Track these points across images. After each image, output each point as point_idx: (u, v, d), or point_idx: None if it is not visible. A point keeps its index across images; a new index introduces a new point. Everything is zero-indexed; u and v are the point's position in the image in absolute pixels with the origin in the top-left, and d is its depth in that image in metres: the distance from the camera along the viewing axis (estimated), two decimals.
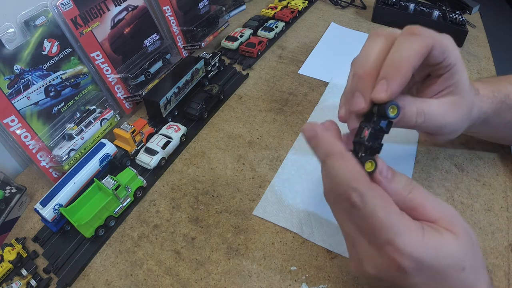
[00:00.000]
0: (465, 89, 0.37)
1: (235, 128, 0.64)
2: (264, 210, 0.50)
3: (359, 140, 0.32)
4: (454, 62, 0.35)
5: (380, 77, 0.31)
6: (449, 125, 0.37)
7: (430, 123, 0.36)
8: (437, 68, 0.36)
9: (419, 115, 0.35)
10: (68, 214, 0.47)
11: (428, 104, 0.36)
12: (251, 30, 0.86)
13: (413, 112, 0.35)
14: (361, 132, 0.32)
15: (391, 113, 0.31)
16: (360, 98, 0.32)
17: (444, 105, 0.37)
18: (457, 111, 0.37)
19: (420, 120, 0.35)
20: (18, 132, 0.51)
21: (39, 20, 0.52)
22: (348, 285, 0.42)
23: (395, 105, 0.31)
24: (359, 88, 0.33)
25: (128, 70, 0.64)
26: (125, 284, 0.44)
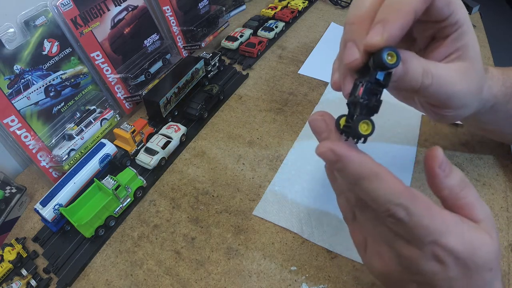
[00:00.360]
0: (475, 56, 0.33)
1: (235, 128, 0.64)
2: (264, 210, 0.50)
3: (353, 99, 0.28)
4: (462, 20, 0.31)
5: (376, 21, 0.27)
6: (459, 95, 0.32)
7: (438, 89, 0.31)
8: (443, 27, 0.31)
9: (425, 75, 0.30)
10: (68, 214, 0.47)
11: (436, 66, 0.31)
12: (251, 30, 0.86)
13: (418, 70, 0.29)
14: (355, 90, 0.28)
15: (389, 61, 0.26)
16: (353, 48, 0.28)
17: (453, 70, 0.31)
18: (468, 80, 0.32)
19: (427, 81, 0.30)
20: (18, 132, 0.51)
21: (39, 20, 0.52)
22: (348, 285, 0.42)
23: (393, 52, 0.26)
24: (352, 37, 0.28)
25: (128, 70, 0.64)
26: (125, 284, 0.44)
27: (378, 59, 0.26)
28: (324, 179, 0.53)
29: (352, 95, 0.28)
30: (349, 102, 0.28)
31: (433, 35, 0.33)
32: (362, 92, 0.27)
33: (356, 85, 0.28)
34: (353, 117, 0.27)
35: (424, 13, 0.28)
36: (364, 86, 0.27)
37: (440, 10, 0.29)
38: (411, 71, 0.29)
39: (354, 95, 0.28)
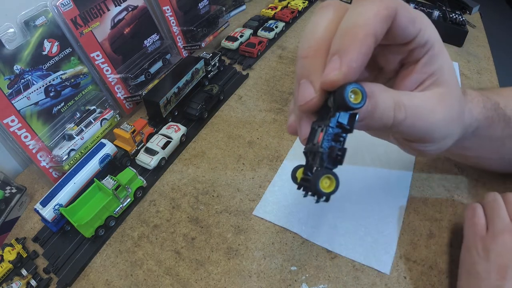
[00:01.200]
0: (451, 79, 0.29)
1: (235, 128, 0.64)
2: (264, 210, 0.50)
3: (311, 147, 0.24)
4: (432, 40, 0.27)
5: (331, 52, 0.23)
6: (439, 126, 0.28)
7: (415, 122, 0.27)
8: (411, 50, 0.27)
9: (398, 108, 0.26)
10: (68, 214, 0.47)
11: (409, 96, 0.27)
12: (251, 30, 0.86)
13: (388, 104, 0.25)
14: (313, 137, 0.24)
15: (353, 100, 0.22)
16: (307, 86, 0.25)
17: (429, 98, 0.28)
18: (447, 107, 0.28)
19: (400, 115, 0.26)
20: (18, 132, 0.51)
21: (39, 20, 0.52)
22: (348, 285, 0.42)
23: (357, 88, 0.22)
24: (306, 73, 0.25)
25: (128, 70, 0.64)
26: (125, 284, 0.44)
27: (339, 99, 0.22)
28: None
29: (310, 142, 0.24)
30: (307, 150, 0.24)
31: (401, 60, 0.29)
32: (322, 139, 0.23)
33: (314, 129, 0.24)
34: (312, 169, 0.23)
35: (386, 36, 0.25)
36: (324, 131, 0.23)
37: (405, 30, 0.25)
38: (380, 107, 0.25)
39: (312, 143, 0.24)
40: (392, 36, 0.25)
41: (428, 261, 0.43)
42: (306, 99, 0.25)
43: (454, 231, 0.46)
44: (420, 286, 0.41)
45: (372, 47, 0.23)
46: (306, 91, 0.25)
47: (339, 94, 0.22)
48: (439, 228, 0.46)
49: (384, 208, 0.49)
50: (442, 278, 0.42)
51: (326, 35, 0.25)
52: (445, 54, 0.28)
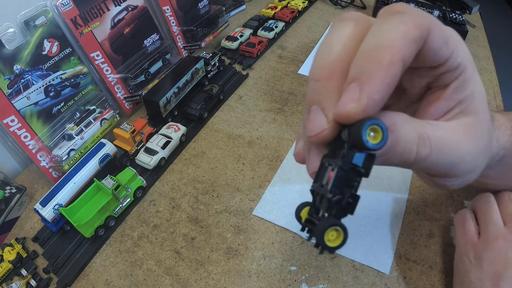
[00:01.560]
0: (482, 107, 0.25)
1: (235, 128, 0.64)
2: (264, 210, 0.50)
3: (318, 188, 0.21)
4: (464, 63, 0.23)
5: (350, 78, 0.20)
6: (466, 159, 0.24)
7: (440, 157, 0.23)
8: (441, 73, 0.24)
9: (422, 142, 0.22)
10: (68, 214, 0.47)
11: (435, 127, 0.23)
12: (251, 30, 0.86)
13: (411, 138, 0.21)
14: (323, 175, 0.21)
15: (371, 140, 0.19)
16: (318, 115, 0.21)
17: (457, 129, 0.24)
18: (475, 138, 0.25)
19: (424, 151, 0.22)
20: (18, 132, 0.51)
21: (39, 20, 0.52)
22: (348, 285, 0.42)
23: (378, 125, 0.19)
24: (318, 99, 0.22)
25: (128, 70, 0.64)
26: (125, 284, 0.44)
27: (355, 137, 0.19)
28: None
29: (318, 180, 0.21)
30: (314, 189, 0.22)
31: (428, 84, 0.25)
32: (332, 182, 0.20)
33: (324, 166, 0.21)
34: (318, 211, 0.21)
35: (415, 58, 0.21)
36: (335, 173, 0.20)
37: (436, 53, 0.22)
38: (402, 142, 0.21)
39: (320, 182, 0.21)
40: (422, 59, 0.22)
41: (428, 261, 0.43)
42: (316, 130, 0.21)
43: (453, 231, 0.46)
44: (420, 286, 0.41)
45: (398, 75, 0.19)
46: (317, 120, 0.21)
47: (355, 132, 0.18)
48: (439, 228, 0.46)
49: (384, 208, 0.49)
50: (442, 278, 0.42)
51: (343, 55, 0.21)
52: (477, 78, 0.25)
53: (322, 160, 0.22)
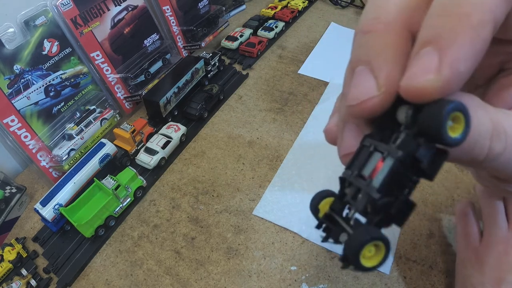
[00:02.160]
0: None
1: (235, 128, 0.64)
2: (264, 210, 0.50)
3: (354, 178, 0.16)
4: None
5: (422, 40, 0.15)
6: None
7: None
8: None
9: (496, 136, 0.16)
10: (68, 214, 0.47)
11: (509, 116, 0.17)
12: (251, 30, 0.86)
13: (485, 129, 0.16)
14: (363, 163, 0.16)
15: (450, 132, 0.14)
16: (366, 77, 0.16)
17: None
18: None
19: (498, 147, 0.16)
20: (18, 132, 0.51)
21: (39, 20, 0.52)
22: (348, 285, 0.42)
23: (462, 112, 0.14)
24: (365, 57, 0.16)
25: (128, 70, 0.64)
26: (125, 284, 0.44)
27: (429, 125, 0.14)
28: (324, 179, 0.53)
29: (355, 167, 0.16)
30: (346, 178, 0.17)
31: (502, 63, 0.20)
32: (384, 178, 0.15)
33: (366, 149, 0.16)
34: (344, 208, 0.17)
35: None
36: (391, 165, 0.15)
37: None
38: (474, 133, 0.15)
39: (358, 171, 0.16)
40: (504, 27, 0.16)
41: (428, 261, 0.43)
42: (360, 97, 0.16)
43: (454, 231, 0.46)
44: (420, 286, 0.41)
45: (488, 42, 0.14)
46: (363, 84, 0.16)
47: (431, 117, 0.13)
48: (439, 228, 0.46)
49: None
50: (442, 278, 0.42)
51: (408, 5, 0.16)
52: None
53: (364, 141, 0.16)
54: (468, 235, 0.39)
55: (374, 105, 0.16)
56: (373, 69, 0.16)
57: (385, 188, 0.15)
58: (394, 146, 0.15)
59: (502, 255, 0.34)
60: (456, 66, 0.14)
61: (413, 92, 0.14)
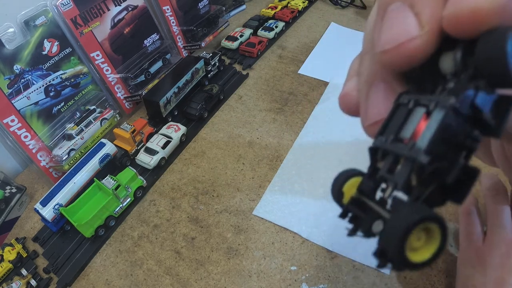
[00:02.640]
0: None
1: (235, 128, 0.64)
2: (264, 210, 0.50)
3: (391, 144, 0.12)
4: None
5: None
6: None
7: None
8: None
9: None
10: (68, 214, 0.47)
11: None
12: (251, 30, 0.86)
13: None
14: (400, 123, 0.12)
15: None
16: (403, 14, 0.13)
17: None
18: None
19: None
20: (18, 132, 0.51)
21: (39, 20, 0.52)
22: (348, 285, 0.42)
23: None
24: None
25: (128, 70, 0.64)
26: (125, 284, 0.44)
27: (491, 60, 0.10)
28: (324, 179, 0.53)
29: (391, 132, 0.13)
30: (379, 146, 0.13)
31: None
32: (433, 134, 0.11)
33: (403, 106, 0.13)
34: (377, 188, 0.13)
35: None
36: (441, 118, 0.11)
37: None
38: None
39: (395, 135, 0.12)
40: None
41: None
42: (399, 38, 0.12)
43: (454, 231, 0.46)
44: (420, 286, 0.41)
45: None
46: (401, 22, 0.12)
47: (491, 48, 0.10)
48: None
49: None
50: (442, 278, 0.42)
51: None
52: None
53: (400, 99, 0.13)
54: (470, 235, 0.39)
55: (416, 49, 0.12)
56: (413, 3, 0.12)
57: (436, 149, 0.11)
58: (444, 94, 0.12)
59: (505, 257, 0.34)
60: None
61: (464, 19, 0.11)
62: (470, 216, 0.40)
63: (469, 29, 0.11)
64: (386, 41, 0.12)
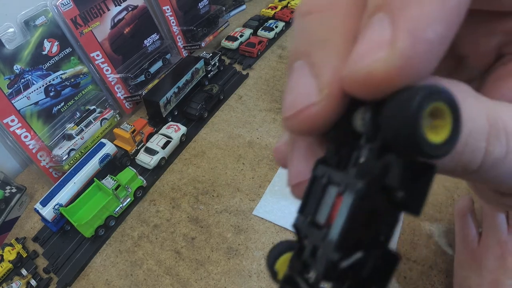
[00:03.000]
0: None
1: (235, 128, 0.64)
2: (264, 210, 0.50)
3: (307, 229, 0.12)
4: None
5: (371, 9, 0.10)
6: None
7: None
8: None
9: (495, 135, 0.11)
10: (68, 214, 0.47)
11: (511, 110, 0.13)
12: (251, 30, 0.86)
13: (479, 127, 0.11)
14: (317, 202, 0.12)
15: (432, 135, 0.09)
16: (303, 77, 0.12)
17: None
18: None
19: (498, 151, 0.12)
20: (18, 132, 0.51)
21: (39, 20, 0.52)
22: None
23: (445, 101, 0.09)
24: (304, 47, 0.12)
25: (128, 70, 0.64)
26: (125, 284, 0.44)
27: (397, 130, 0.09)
28: None
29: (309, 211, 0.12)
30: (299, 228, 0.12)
31: (499, 47, 0.15)
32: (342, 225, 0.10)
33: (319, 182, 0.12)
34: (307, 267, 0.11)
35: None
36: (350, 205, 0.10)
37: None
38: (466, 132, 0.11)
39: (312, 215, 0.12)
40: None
41: (428, 261, 0.43)
42: (297, 105, 0.11)
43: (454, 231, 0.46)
44: (420, 286, 0.41)
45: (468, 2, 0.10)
46: (300, 86, 0.12)
47: (395, 115, 0.09)
48: (439, 228, 0.46)
49: None
50: (442, 278, 0.42)
51: None
52: None
53: (316, 170, 0.12)
54: (466, 237, 0.39)
55: (316, 115, 0.11)
56: (313, 63, 0.11)
57: (348, 241, 0.10)
58: (353, 173, 0.10)
59: (500, 258, 0.34)
60: (420, 32, 0.09)
61: (359, 83, 0.10)
62: (465, 218, 0.40)
63: (367, 93, 0.10)
64: (287, 107, 0.12)
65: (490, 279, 0.34)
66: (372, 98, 0.10)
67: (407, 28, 0.09)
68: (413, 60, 0.09)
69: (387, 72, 0.09)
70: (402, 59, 0.09)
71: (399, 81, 0.09)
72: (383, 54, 0.09)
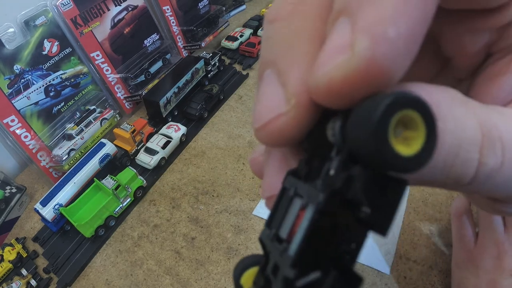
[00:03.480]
0: None
1: (235, 128, 0.64)
2: (264, 210, 0.50)
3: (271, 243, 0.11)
4: None
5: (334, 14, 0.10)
6: None
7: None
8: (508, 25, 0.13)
9: (489, 146, 0.10)
10: (68, 214, 0.47)
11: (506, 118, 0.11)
12: (251, 30, 0.86)
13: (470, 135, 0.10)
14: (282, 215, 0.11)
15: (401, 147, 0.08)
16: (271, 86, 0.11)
17: None
18: None
19: (492, 161, 0.10)
20: (18, 132, 0.51)
21: (39, 20, 0.52)
22: None
23: (416, 108, 0.08)
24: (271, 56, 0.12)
25: (128, 70, 0.64)
26: (125, 283, 0.44)
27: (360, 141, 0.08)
28: None
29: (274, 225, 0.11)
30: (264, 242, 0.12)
31: (487, 46, 0.14)
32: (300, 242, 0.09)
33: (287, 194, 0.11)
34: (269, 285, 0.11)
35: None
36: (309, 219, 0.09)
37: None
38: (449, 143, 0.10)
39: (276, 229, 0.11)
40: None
41: (428, 261, 0.43)
42: (264, 117, 0.11)
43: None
44: (420, 286, 0.41)
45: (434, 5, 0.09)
46: (267, 97, 0.11)
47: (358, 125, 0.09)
48: (439, 228, 0.46)
49: None
50: (442, 278, 0.42)
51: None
52: None
53: (286, 181, 0.12)
54: (462, 237, 0.39)
55: (284, 127, 0.10)
56: (280, 71, 0.11)
57: (305, 258, 0.09)
58: (318, 185, 0.10)
59: (497, 259, 0.34)
60: (379, 31, 0.08)
61: (323, 90, 0.09)
62: (462, 219, 0.40)
63: (334, 101, 0.09)
64: (255, 118, 0.11)
65: (487, 280, 0.34)
66: (340, 107, 0.09)
67: (365, 28, 0.08)
68: (375, 62, 0.08)
69: (346, 77, 0.09)
70: (362, 62, 0.08)
71: (362, 86, 0.09)
72: (342, 58, 0.09)
